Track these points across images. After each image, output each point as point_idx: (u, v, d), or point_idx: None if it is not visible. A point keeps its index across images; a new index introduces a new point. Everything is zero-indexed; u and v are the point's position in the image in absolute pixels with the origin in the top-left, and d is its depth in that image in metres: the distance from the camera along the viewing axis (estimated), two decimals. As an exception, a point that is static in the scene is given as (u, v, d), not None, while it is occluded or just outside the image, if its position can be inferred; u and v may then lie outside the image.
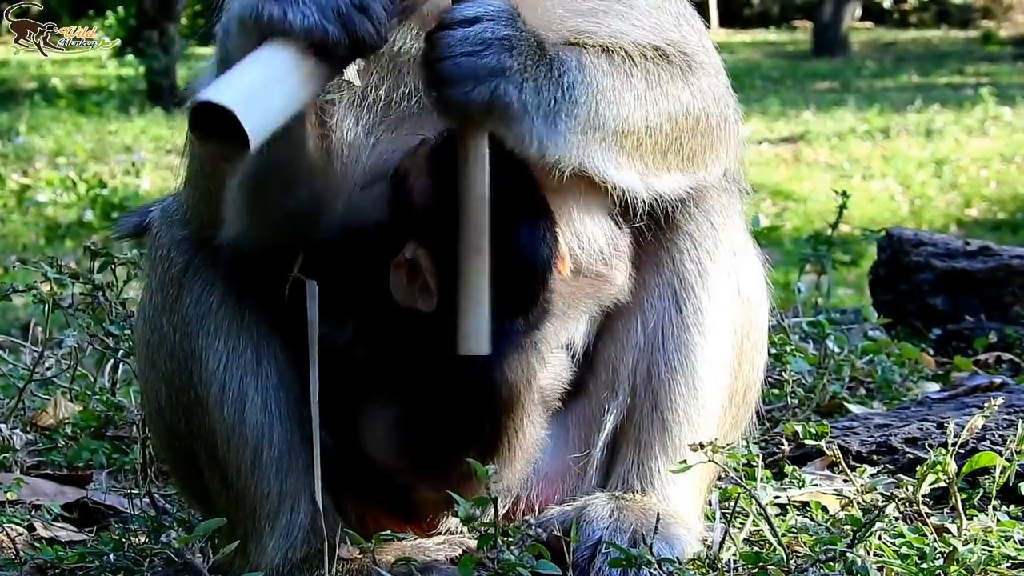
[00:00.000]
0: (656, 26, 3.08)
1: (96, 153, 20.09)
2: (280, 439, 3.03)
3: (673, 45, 3.07)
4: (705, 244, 3.19)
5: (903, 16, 39.81)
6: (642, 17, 3.07)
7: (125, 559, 3.30)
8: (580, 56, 2.89)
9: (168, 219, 3.17)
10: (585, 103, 2.85)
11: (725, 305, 3.20)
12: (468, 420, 3.03)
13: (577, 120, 2.84)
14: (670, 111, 2.99)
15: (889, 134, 21.82)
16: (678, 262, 3.18)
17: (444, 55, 2.72)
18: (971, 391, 4.71)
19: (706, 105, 3.08)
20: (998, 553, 3.20)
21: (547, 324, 3.05)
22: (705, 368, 3.16)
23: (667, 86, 3.01)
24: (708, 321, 3.17)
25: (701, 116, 3.06)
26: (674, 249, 3.18)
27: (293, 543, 3.04)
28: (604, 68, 2.92)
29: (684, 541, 3.07)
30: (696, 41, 3.15)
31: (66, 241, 15.47)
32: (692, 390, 3.16)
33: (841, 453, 3.52)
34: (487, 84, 2.73)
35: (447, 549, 3.08)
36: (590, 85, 2.87)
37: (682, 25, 3.15)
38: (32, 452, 4.45)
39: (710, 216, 3.20)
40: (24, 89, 25.67)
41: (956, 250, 6.18)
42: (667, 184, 3.05)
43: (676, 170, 3.05)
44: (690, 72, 3.06)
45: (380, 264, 2.97)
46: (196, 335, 3.06)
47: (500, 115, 2.76)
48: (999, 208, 17.51)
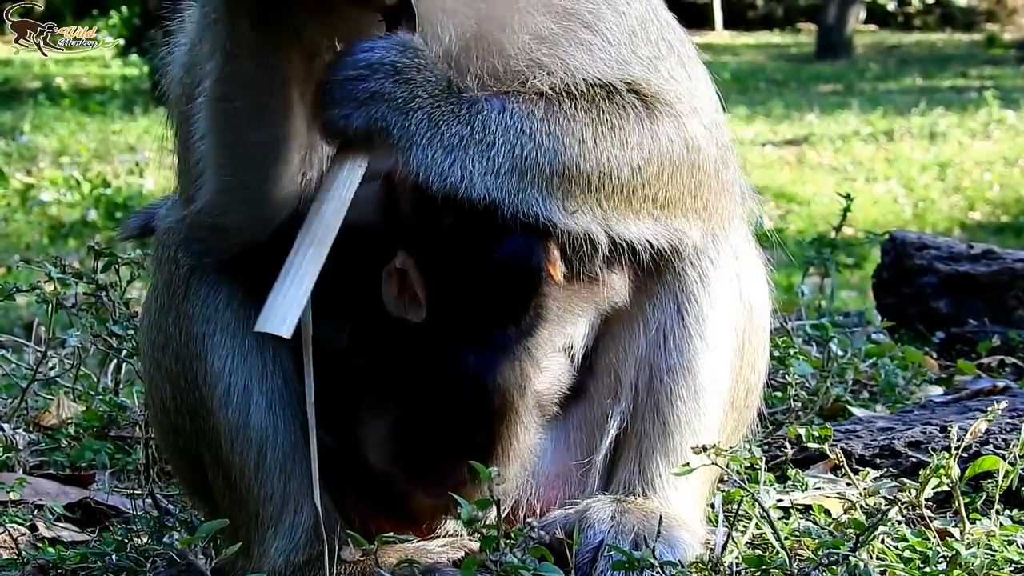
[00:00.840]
0: (621, 59, 3.01)
1: (100, 152, 20.10)
2: (284, 441, 3.03)
3: (635, 84, 2.99)
4: (707, 249, 3.18)
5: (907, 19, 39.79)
6: (607, 47, 3.00)
7: (127, 559, 3.30)
8: (505, 102, 2.86)
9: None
10: (506, 144, 2.83)
11: (727, 310, 3.19)
12: (461, 427, 3.03)
13: (495, 161, 2.82)
14: (627, 155, 2.93)
15: (893, 137, 21.82)
16: (679, 267, 3.16)
17: (332, 78, 2.76)
18: (974, 395, 4.71)
19: (674, 151, 3.00)
20: (1001, 557, 3.19)
21: (541, 330, 3.04)
22: (707, 373, 3.16)
23: (623, 131, 2.94)
24: (710, 326, 3.17)
25: (665, 162, 2.99)
26: (674, 257, 3.14)
27: (296, 545, 3.04)
28: (538, 113, 2.87)
29: (687, 544, 3.07)
30: (666, 76, 3.05)
31: (69, 240, 15.48)
32: (694, 395, 3.15)
33: (844, 456, 3.52)
34: (365, 108, 2.75)
35: (449, 551, 3.08)
36: (512, 127, 2.84)
37: (659, 58, 3.06)
38: (35, 452, 4.45)
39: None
40: (28, 88, 25.69)
41: (960, 253, 6.17)
42: (637, 231, 2.99)
43: (647, 216, 3.00)
44: (653, 113, 2.98)
45: (375, 267, 2.97)
46: (202, 336, 3.05)
47: (381, 142, 2.77)
48: (1002, 211, 17.51)
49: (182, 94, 3.03)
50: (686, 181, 3.03)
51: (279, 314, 2.68)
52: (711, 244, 3.16)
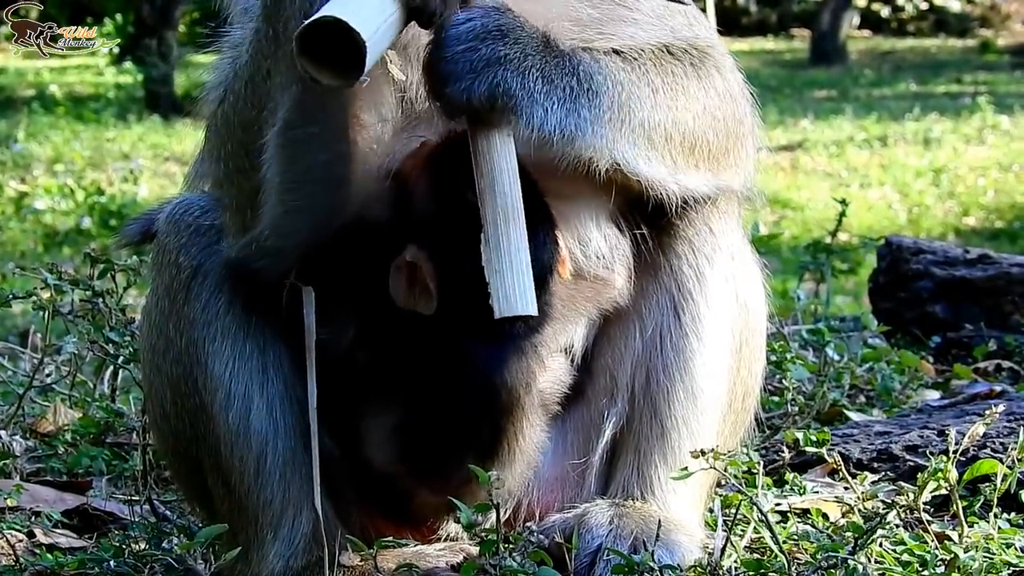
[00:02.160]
0: (666, 26, 3.08)
1: (94, 160, 20.09)
2: (284, 446, 3.03)
3: (686, 42, 3.07)
4: (704, 249, 3.18)
5: (901, 25, 39.82)
6: (651, 19, 3.07)
7: (125, 565, 3.29)
8: (592, 54, 2.88)
9: (175, 224, 3.15)
10: (607, 92, 2.84)
11: (723, 311, 3.19)
12: (468, 424, 3.03)
13: (601, 109, 2.83)
14: (691, 107, 2.99)
15: (887, 142, 21.84)
16: (676, 268, 3.17)
17: (440, 56, 2.72)
18: (971, 399, 4.71)
19: (723, 103, 3.08)
20: (999, 560, 3.19)
21: (547, 327, 3.05)
22: (703, 374, 3.16)
23: (684, 83, 3.00)
24: (706, 327, 3.17)
25: (718, 114, 3.06)
26: (672, 254, 3.17)
27: (295, 550, 3.03)
28: (619, 64, 2.91)
29: (685, 548, 3.06)
30: (707, 38, 3.15)
31: (64, 248, 15.47)
32: (691, 396, 3.15)
33: (842, 460, 3.51)
34: (485, 76, 2.72)
35: (448, 555, 3.08)
36: (609, 76, 2.86)
37: (693, 24, 3.15)
38: (32, 459, 4.44)
39: (709, 221, 3.19)
40: (22, 96, 25.66)
41: (956, 258, 6.17)
42: (695, 182, 3.04)
43: (704, 168, 3.05)
44: (703, 68, 3.06)
45: (381, 265, 2.97)
46: (202, 340, 3.05)
47: (505, 106, 2.74)
48: (997, 217, 17.53)
49: (238, 124, 2.97)
50: (732, 132, 3.09)
51: (514, 296, 2.66)
52: (707, 241, 3.17)
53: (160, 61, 24.63)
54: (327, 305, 3.01)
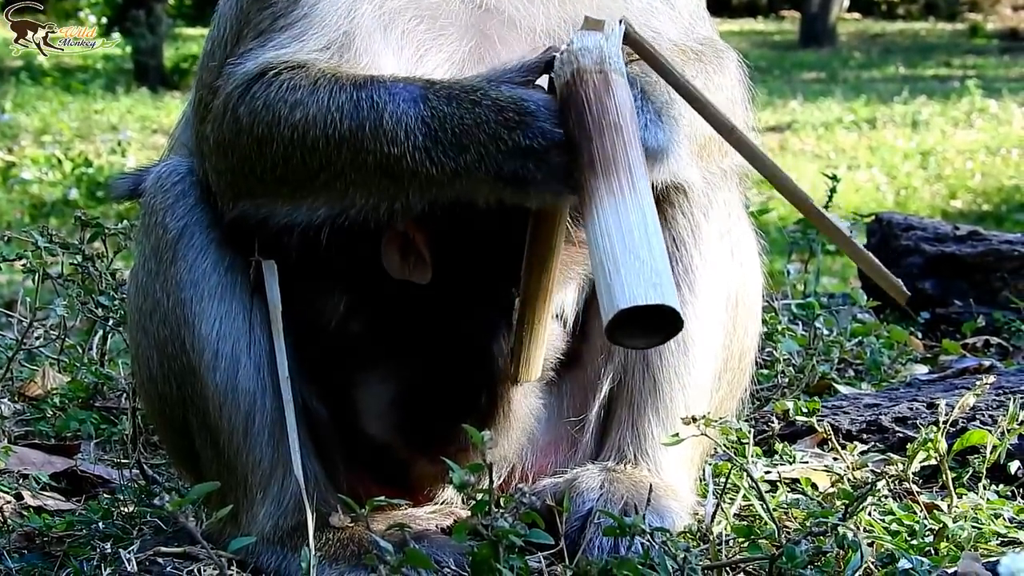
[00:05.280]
0: (692, 19, 3.13)
1: (82, 132, 20.04)
2: (272, 406, 3.00)
3: (706, 42, 3.11)
4: (699, 200, 3.15)
5: (890, 8, 39.85)
6: (678, 14, 3.10)
7: (114, 527, 3.28)
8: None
9: (162, 185, 3.13)
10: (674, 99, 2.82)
11: (717, 265, 3.17)
12: (465, 391, 3.02)
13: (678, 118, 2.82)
14: (717, 99, 2.94)
15: (875, 125, 21.86)
16: (670, 216, 3.14)
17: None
18: (960, 373, 4.71)
19: (734, 92, 3.11)
20: (988, 530, 3.20)
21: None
22: (695, 327, 3.13)
23: (717, 80, 3.03)
24: (699, 279, 3.14)
25: (737, 105, 3.10)
26: (665, 203, 3.12)
27: (285, 510, 3.02)
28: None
29: (675, 513, 3.06)
30: (712, 28, 3.21)
31: (51, 219, 15.40)
32: (681, 346, 3.13)
33: (831, 431, 3.52)
34: None
35: (439, 518, 3.08)
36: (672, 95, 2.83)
37: (705, 20, 3.19)
38: (20, 422, 4.44)
39: (704, 172, 3.12)
40: (10, 67, 25.56)
41: (945, 235, 6.18)
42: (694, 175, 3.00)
43: (719, 155, 3.06)
44: (722, 65, 3.09)
45: (371, 235, 2.94)
46: (189, 301, 3.03)
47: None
48: (984, 200, 17.55)
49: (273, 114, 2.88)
50: (740, 119, 3.07)
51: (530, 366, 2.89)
52: (704, 193, 3.13)
53: (148, 33, 24.53)
54: (318, 275, 3.00)
